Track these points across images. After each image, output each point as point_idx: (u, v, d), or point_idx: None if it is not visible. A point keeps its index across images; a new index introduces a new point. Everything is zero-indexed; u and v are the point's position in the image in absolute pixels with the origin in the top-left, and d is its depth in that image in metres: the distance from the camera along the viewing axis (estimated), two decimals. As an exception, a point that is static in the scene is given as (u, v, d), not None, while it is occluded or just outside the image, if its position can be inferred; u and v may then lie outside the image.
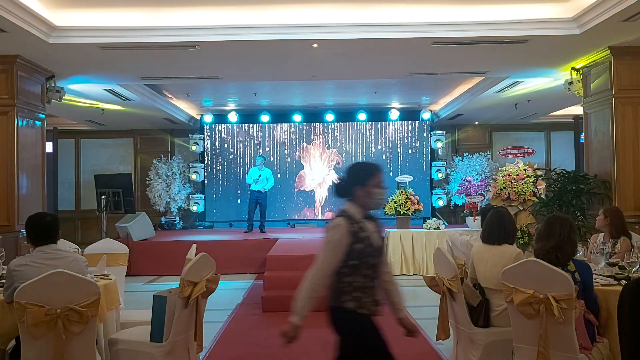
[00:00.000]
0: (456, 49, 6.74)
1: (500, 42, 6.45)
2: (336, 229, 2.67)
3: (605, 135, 6.89)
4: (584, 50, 6.79)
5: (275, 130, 12.87)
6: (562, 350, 2.99)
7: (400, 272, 8.92)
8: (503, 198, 8.99)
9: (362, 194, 2.74)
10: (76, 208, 13.09)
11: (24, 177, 6.79)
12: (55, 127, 12.16)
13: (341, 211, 2.76)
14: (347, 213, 2.73)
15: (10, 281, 3.25)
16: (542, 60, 7.27)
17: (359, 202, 2.75)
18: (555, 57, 7.10)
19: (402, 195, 9.66)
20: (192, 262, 3.58)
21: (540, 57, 7.10)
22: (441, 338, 4.04)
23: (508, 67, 7.82)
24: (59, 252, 3.44)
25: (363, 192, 2.74)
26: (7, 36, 5.87)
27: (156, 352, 3.46)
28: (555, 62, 7.39)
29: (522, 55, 7.05)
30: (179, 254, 6.46)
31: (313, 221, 12.74)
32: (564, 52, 6.87)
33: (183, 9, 6.07)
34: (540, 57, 7.10)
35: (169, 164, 12.54)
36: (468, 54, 7.04)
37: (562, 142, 13.19)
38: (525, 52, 6.88)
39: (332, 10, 6.10)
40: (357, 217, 2.72)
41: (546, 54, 6.98)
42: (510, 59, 7.29)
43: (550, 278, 2.99)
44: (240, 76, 8.59)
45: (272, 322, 6.05)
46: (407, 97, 11.53)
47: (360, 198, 2.74)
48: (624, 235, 4.26)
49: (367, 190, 2.74)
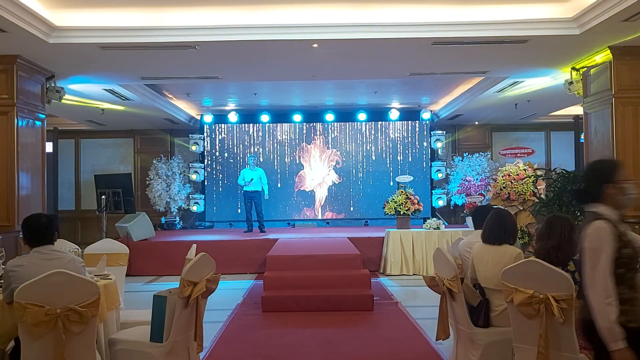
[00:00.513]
0: (456, 49, 6.74)
1: (500, 42, 6.45)
2: (599, 233, 2.34)
3: (605, 135, 6.89)
4: (584, 50, 6.79)
5: (275, 130, 12.88)
6: (562, 350, 2.99)
7: (400, 272, 8.93)
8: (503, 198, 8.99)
9: (614, 191, 2.43)
10: (76, 208, 13.09)
11: (24, 177, 6.79)
12: (55, 127, 12.16)
13: (593, 214, 2.43)
14: (604, 215, 2.40)
15: (8, 282, 3.26)
16: (542, 60, 7.27)
17: (610, 202, 2.44)
18: (555, 57, 7.10)
19: (402, 195, 9.66)
20: (192, 262, 3.58)
21: (540, 57, 7.10)
22: (441, 338, 4.04)
23: (508, 67, 7.82)
24: (55, 252, 3.44)
25: (614, 190, 2.43)
26: (7, 36, 5.87)
27: (156, 352, 3.46)
28: (555, 62, 7.39)
29: (522, 55, 7.05)
30: (179, 254, 6.48)
31: (313, 221, 12.75)
32: (564, 52, 6.87)
33: (183, 9, 6.07)
34: (540, 57, 7.10)
35: (169, 164, 12.54)
36: (468, 54, 7.04)
37: (562, 142, 13.19)
38: (525, 52, 6.88)
39: (332, 10, 6.10)
40: (615, 219, 2.40)
41: (546, 54, 6.98)
42: (510, 59, 7.29)
43: (550, 278, 2.99)
44: (240, 76, 8.59)
45: (272, 322, 6.05)
46: (407, 97, 11.53)
47: (612, 197, 2.43)
48: None
49: (618, 186, 2.43)
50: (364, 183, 12.78)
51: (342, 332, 5.56)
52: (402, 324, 5.83)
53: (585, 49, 6.73)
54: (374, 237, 9.55)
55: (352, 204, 12.80)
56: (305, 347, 5.08)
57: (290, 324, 5.92)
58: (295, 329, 5.74)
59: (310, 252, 7.82)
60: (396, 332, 5.57)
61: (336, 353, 4.88)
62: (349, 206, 12.80)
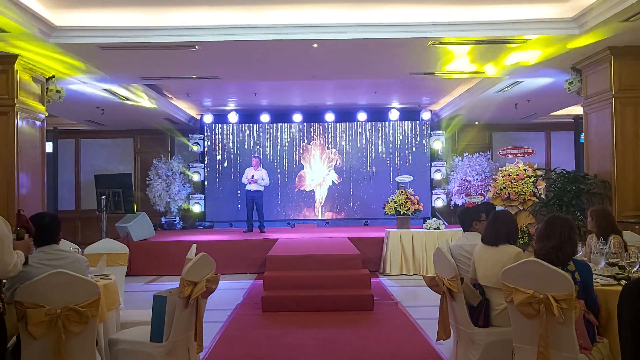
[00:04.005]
0: (456, 49, 6.73)
1: (501, 42, 6.45)
2: None
3: (605, 135, 6.89)
4: (584, 50, 6.79)
5: (275, 130, 12.88)
6: (562, 350, 2.99)
7: (400, 272, 8.92)
8: (503, 198, 9.01)
9: None
10: (76, 208, 13.09)
11: (24, 177, 6.79)
12: (55, 127, 12.17)
13: None
14: None
15: (12, 281, 3.25)
16: (542, 60, 7.26)
17: None
18: (555, 57, 7.09)
19: (402, 195, 9.66)
20: (192, 262, 3.58)
21: (540, 57, 7.10)
22: (442, 338, 4.04)
23: (508, 67, 7.82)
24: (60, 252, 3.45)
25: None
26: (7, 36, 5.87)
27: (156, 352, 3.46)
28: (555, 62, 7.39)
29: (522, 55, 7.05)
30: (179, 254, 6.48)
31: (313, 221, 12.75)
32: (564, 52, 6.86)
33: (183, 9, 6.07)
34: (540, 57, 7.10)
35: (169, 164, 12.53)
36: (468, 54, 7.03)
37: (562, 142, 13.19)
38: (525, 52, 6.87)
39: (332, 10, 6.10)
40: None
41: (546, 54, 6.97)
42: (511, 59, 7.29)
43: (550, 278, 3.00)
44: (240, 76, 8.59)
45: (272, 322, 6.05)
46: (407, 97, 11.53)
47: None
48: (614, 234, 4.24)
49: None
50: (364, 183, 12.78)
51: (342, 332, 5.56)
52: (402, 324, 5.83)
53: (585, 49, 6.73)
54: (374, 237, 9.55)
55: (352, 204, 12.80)
56: (305, 347, 5.08)
57: (290, 324, 5.92)
58: (295, 329, 5.74)
59: (310, 252, 7.82)
60: (396, 332, 5.57)
61: (336, 353, 4.88)
62: (349, 206, 12.80)
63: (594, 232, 4.42)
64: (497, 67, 7.75)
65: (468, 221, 4.42)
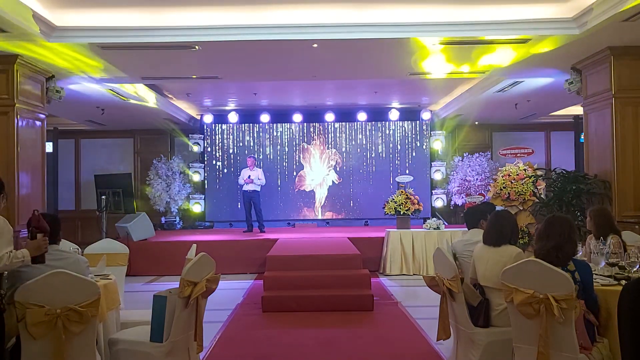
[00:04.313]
0: (456, 49, 6.73)
1: (501, 42, 6.45)
2: None
3: (605, 135, 6.89)
4: (584, 50, 6.79)
5: (275, 130, 12.88)
6: (562, 350, 2.99)
7: (400, 272, 8.92)
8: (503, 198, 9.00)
9: None
10: (76, 208, 13.09)
11: (24, 177, 6.79)
12: (55, 127, 12.16)
13: None
14: None
15: (13, 281, 3.25)
16: (542, 60, 7.27)
17: None
18: (555, 57, 7.10)
19: (402, 195, 9.66)
20: (192, 262, 3.58)
21: (540, 57, 7.10)
22: (442, 338, 4.04)
23: (508, 67, 7.82)
24: (60, 252, 3.45)
25: None
26: (7, 36, 5.87)
27: (156, 352, 3.46)
28: (555, 62, 7.39)
29: (522, 56, 7.05)
30: (179, 254, 6.48)
31: (313, 221, 12.75)
32: (564, 52, 6.87)
33: (183, 9, 6.07)
34: (540, 57, 7.10)
35: (169, 164, 12.53)
36: (468, 54, 7.03)
37: (562, 142, 13.19)
38: (525, 52, 6.87)
39: (332, 10, 6.10)
40: None
41: (546, 54, 6.98)
42: (511, 59, 7.29)
43: (550, 278, 2.99)
44: (240, 76, 8.59)
45: (272, 322, 6.05)
46: (407, 97, 11.53)
47: None
48: (612, 233, 4.24)
49: None
50: (364, 183, 12.78)
51: (342, 332, 5.56)
52: (402, 324, 5.83)
53: (585, 49, 6.73)
54: (374, 237, 9.55)
55: (352, 203, 12.80)
56: (305, 347, 5.08)
57: (290, 324, 5.92)
58: (295, 329, 5.74)
59: (310, 252, 7.82)
60: (396, 332, 5.57)
61: (336, 353, 4.88)
62: (349, 206, 12.80)
63: (592, 232, 4.42)
64: (497, 67, 7.75)
65: (475, 219, 4.44)
